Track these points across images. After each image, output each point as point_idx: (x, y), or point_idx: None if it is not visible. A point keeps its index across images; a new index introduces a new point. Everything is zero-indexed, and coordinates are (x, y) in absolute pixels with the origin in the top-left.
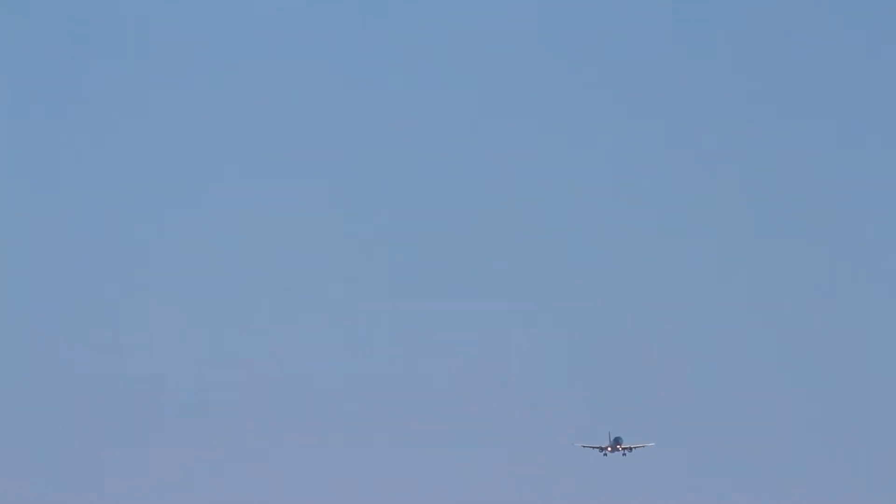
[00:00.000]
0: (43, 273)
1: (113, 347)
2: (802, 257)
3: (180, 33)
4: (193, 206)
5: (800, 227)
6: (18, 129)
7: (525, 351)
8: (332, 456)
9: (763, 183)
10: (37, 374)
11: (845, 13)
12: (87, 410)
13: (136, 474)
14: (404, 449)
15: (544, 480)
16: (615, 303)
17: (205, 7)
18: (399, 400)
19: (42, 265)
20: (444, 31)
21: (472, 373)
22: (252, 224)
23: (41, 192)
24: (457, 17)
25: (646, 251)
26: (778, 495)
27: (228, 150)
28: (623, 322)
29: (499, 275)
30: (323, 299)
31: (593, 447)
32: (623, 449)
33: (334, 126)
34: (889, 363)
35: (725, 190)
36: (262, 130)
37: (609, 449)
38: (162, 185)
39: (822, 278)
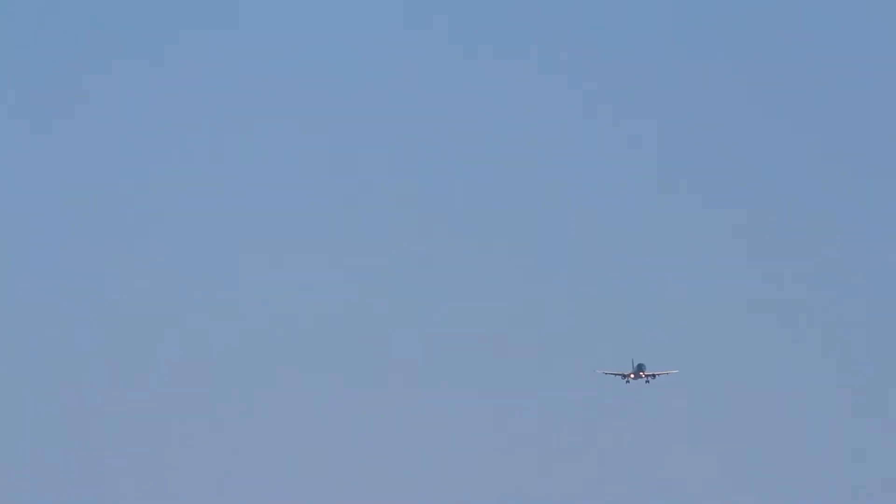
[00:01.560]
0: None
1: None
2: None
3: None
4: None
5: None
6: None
7: (546, 278)
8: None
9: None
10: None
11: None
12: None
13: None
14: (422, 382)
15: (566, 408)
16: (634, 231)
17: None
18: (415, 332)
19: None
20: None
21: (491, 301)
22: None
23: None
24: None
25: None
26: (806, 421)
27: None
28: (645, 250)
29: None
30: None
31: (615, 374)
32: (646, 376)
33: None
34: None
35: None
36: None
37: (632, 376)
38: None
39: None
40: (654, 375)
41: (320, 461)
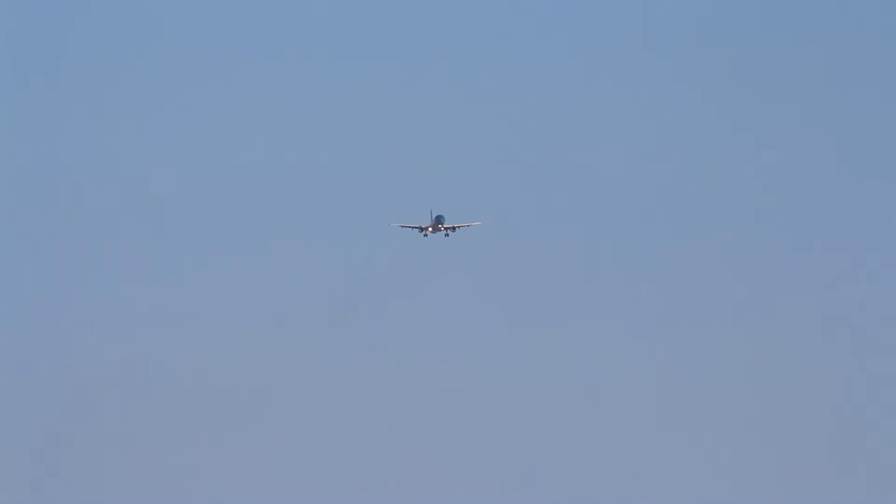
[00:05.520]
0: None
1: None
2: None
3: None
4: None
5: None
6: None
7: (340, 126)
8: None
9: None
10: None
11: None
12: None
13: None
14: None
15: (358, 264)
16: (435, 84)
17: None
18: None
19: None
20: None
21: (282, 156)
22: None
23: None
24: None
25: None
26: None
27: None
28: (443, 100)
29: None
30: None
31: (412, 227)
32: (446, 229)
33: None
34: None
35: None
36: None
37: (430, 229)
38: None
39: None
40: (454, 228)
41: None
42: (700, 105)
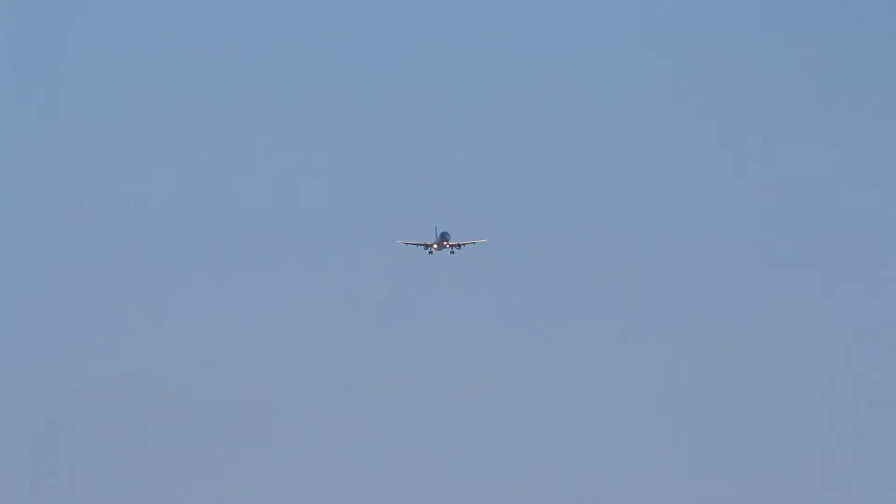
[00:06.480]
0: None
1: None
2: None
3: None
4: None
5: None
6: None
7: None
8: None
9: None
10: None
11: None
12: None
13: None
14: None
15: (362, 282)
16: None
17: None
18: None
19: None
20: None
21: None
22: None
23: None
24: None
25: None
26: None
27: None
28: (452, 110)
29: None
30: None
31: (417, 244)
32: (451, 246)
33: None
34: None
35: None
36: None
37: (435, 246)
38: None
39: None
40: (459, 245)
41: None
42: (700, 105)
